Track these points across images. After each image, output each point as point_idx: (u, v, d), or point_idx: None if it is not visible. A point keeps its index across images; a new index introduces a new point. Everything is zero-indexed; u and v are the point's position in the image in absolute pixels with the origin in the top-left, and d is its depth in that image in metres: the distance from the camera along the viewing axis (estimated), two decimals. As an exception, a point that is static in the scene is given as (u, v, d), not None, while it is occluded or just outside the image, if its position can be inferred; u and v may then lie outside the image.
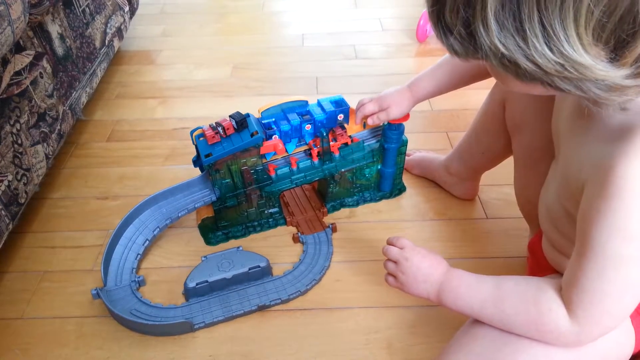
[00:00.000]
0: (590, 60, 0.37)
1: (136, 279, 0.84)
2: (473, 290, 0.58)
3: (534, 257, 0.74)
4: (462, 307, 0.60)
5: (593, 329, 0.51)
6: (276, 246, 0.92)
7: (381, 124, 0.89)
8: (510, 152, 0.83)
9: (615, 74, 0.38)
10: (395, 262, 0.66)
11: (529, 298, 0.54)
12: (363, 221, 0.97)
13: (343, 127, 0.90)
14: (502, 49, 0.38)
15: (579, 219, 0.49)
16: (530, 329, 0.54)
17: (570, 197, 0.54)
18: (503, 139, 0.82)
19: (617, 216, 0.45)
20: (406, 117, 0.87)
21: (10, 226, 0.85)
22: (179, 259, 0.91)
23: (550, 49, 0.37)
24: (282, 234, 0.95)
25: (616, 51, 0.38)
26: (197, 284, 0.81)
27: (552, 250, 0.64)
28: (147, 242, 0.87)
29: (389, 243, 0.68)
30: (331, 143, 0.88)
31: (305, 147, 0.90)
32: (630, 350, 0.59)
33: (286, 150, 0.89)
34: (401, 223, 0.97)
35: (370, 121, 0.86)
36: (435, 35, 0.44)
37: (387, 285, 0.68)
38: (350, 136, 0.91)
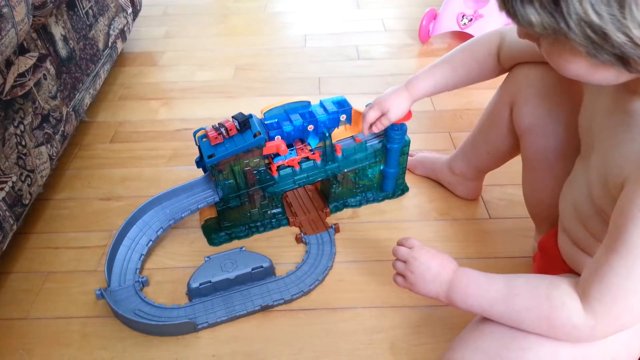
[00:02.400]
0: None
1: (140, 280, 0.84)
2: (483, 289, 0.58)
3: (545, 256, 0.73)
4: (472, 305, 0.59)
5: (610, 325, 0.50)
6: (279, 246, 0.93)
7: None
8: (517, 152, 0.82)
9: None
10: (404, 262, 0.65)
11: (540, 293, 0.53)
12: (366, 221, 0.97)
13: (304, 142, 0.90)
14: (594, 18, 0.37)
15: (615, 215, 0.48)
16: (541, 324, 0.53)
17: (606, 195, 0.53)
18: (510, 139, 0.81)
19: None
20: (408, 115, 0.87)
21: (15, 227, 0.85)
22: (182, 259, 0.91)
23: None
24: (285, 234, 0.95)
25: None
26: (200, 284, 0.81)
27: (574, 249, 0.63)
28: (151, 242, 0.88)
29: (399, 244, 0.67)
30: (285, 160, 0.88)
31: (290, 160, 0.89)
32: (638, 353, 0.58)
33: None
34: (404, 223, 0.97)
35: (375, 129, 0.85)
36: (504, 7, 0.42)
37: (390, 285, 0.68)
38: (311, 150, 0.89)
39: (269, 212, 0.93)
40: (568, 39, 0.40)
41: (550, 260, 0.71)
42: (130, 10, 1.47)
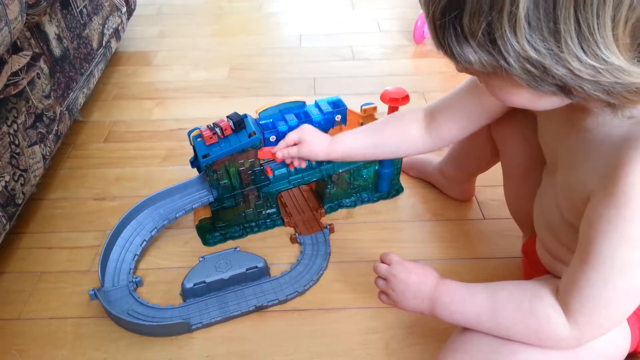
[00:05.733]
0: (626, 62, 0.36)
1: (133, 280, 0.84)
2: (466, 305, 0.58)
3: (528, 260, 0.74)
4: (457, 321, 0.59)
5: (594, 333, 0.51)
6: (274, 247, 0.93)
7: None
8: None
9: None
10: (385, 280, 0.64)
11: (525, 308, 0.54)
12: (360, 222, 0.97)
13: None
14: (532, 53, 0.36)
15: (584, 228, 0.49)
16: (529, 337, 0.54)
17: (573, 209, 0.53)
18: (491, 146, 0.81)
19: (629, 225, 0.44)
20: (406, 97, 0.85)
21: (7, 227, 0.85)
22: (176, 259, 0.90)
23: (585, 52, 0.36)
24: (280, 234, 0.95)
25: None
26: (194, 285, 0.81)
27: (549, 257, 0.64)
28: (145, 242, 0.87)
29: (380, 259, 0.67)
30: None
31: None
32: (626, 349, 0.59)
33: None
34: (398, 224, 0.97)
35: (279, 154, 0.80)
36: (441, 47, 0.41)
37: None
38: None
39: (263, 212, 0.93)
40: (508, 74, 0.39)
41: (532, 264, 0.72)
42: (124, 9, 1.47)
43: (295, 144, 0.80)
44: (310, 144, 0.78)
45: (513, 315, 0.54)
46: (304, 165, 0.83)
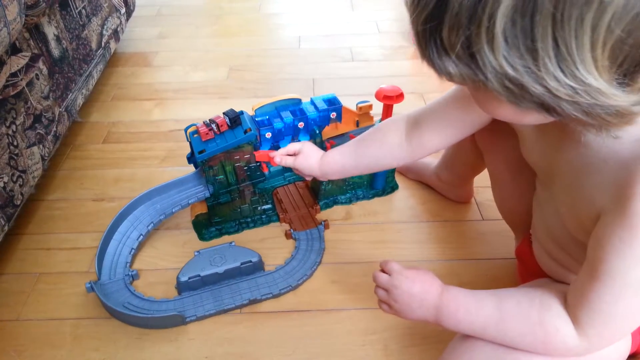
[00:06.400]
0: (605, 84, 0.35)
1: (130, 273, 0.84)
2: (473, 314, 0.56)
3: (523, 264, 0.74)
4: (463, 330, 0.58)
5: (603, 344, 0.51)
6: (269, 242, 0.93)
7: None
8: None
9: (625, 100, 0.36)
10: (386, 290, 0.63)
11: (533, 318, 0.53)
12: (359, 223, 0.97)
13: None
14: (509, 70, 0.36)
15: (593, 245, 0.48)
16: (536, 347, 0.53)
17: (580, 227, 0.52)
18: (478, 152, 0.81)
19: None
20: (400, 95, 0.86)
21: (6, 228, 0.85)
22: (174, 260, 0.90)
23: (563, 72, 0.35)
24: (275, 230, 0.95)
25: (629, 76, 0.36)
26: (189, 278, 0.81)
27: (552, 262, 0.63)
28: (141, 237, 0.88)
29: (380, 267, 0.65)
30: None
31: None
32: (627, 352, 0.59)
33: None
34: (397, 225, 0.96)
35: (277, 159, 0.79)
36: (424, 57, 0.41)
37: None
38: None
39: (259, 208, 0.93)
40: (488, 88, 0.39)
41: (527, 267, 0.71)
42: (123, 10, 1.47)
43: (295, 154, 0.79)
44: (307, 157, 0.77)
45: (521, 326, 0.53)
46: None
